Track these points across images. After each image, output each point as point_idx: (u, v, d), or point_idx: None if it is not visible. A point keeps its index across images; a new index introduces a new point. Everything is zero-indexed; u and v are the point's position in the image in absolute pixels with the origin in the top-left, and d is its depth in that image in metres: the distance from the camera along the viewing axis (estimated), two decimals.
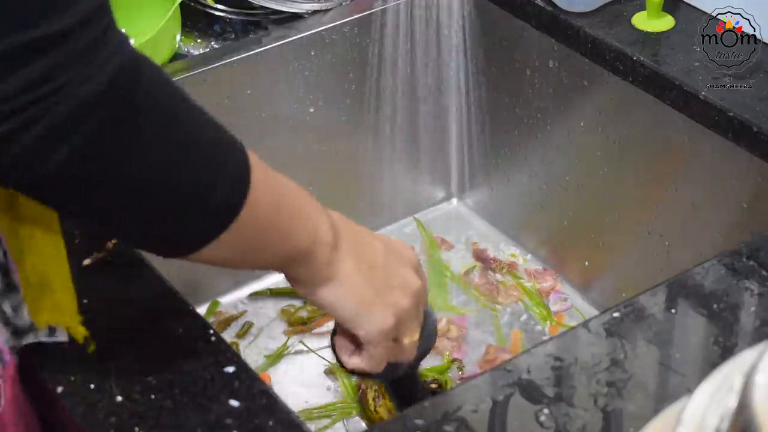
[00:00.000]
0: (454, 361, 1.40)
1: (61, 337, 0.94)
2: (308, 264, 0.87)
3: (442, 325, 1.43)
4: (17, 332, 0.92)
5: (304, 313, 1.46)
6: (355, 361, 0.93)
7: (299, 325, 1.45)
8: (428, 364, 1.37)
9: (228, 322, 1.47)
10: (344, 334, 0.93)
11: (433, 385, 1.35)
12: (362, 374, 0.95)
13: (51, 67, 0.66)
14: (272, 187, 0.83)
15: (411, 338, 0.94)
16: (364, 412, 1.31)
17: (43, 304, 0.92)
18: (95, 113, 0.68)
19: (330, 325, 1.42)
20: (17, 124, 0.66)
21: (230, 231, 0.78)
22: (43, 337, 0.93)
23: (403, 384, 1.01)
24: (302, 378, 1.40)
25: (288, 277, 0.89)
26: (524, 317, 1.47)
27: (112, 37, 0.69)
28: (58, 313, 0.94)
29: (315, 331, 1.45)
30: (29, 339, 0.93)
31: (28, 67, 0.65)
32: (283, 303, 1.49)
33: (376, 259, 0.91)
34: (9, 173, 0.69)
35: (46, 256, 0.90)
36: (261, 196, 0.80)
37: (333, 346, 0.95)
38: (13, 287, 0.90)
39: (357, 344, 0.93)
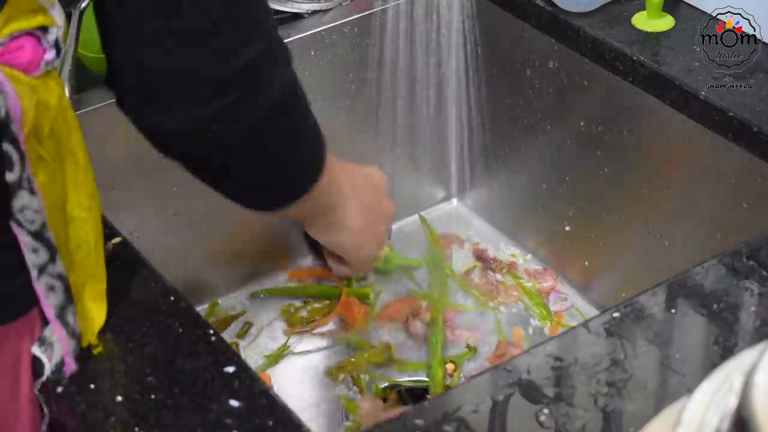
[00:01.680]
0: (469, 348, 1.41)
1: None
2: (332, 212, 1.10)
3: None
4: (78, 340, 0.95)
5: (304, 313, 1.46)
6: (344, 271, 1.20)
7: (299, 325, 1.45)
8: (447, 353, 1.41)
9: (228, 322, 1.47)
10: (333, 253, 1.17)
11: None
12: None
13: (259, 74, 0.88)
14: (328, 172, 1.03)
15: (384, 251, 1.21)
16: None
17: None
18: (276, 113, 0.92)
19: (328, 328, 1.44)
20: (226, 126, 0.89)
21: (306, 197, 1.01)
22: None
23: None
24: (302, 378, 1.40)
25: (306, 224, 1.12)
26: (524, 317, 1.47)
27: (284, 54, 0.92)
28: (80, 320, 0.95)
29: (315, 331, 1.45)
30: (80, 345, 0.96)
31: (248, 77, 0.87)
32: (283, 303, 1.49)
33: (367, 198, 1.14)
34: (207, 152, 0.92)
35: (84, 272, 0.95)
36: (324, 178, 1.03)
37: (319, 255, 1.20)
38: (72, 298, 0.93)
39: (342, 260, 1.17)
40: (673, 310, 1.00)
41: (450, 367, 1.38)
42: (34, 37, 0.87)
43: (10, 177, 0.85)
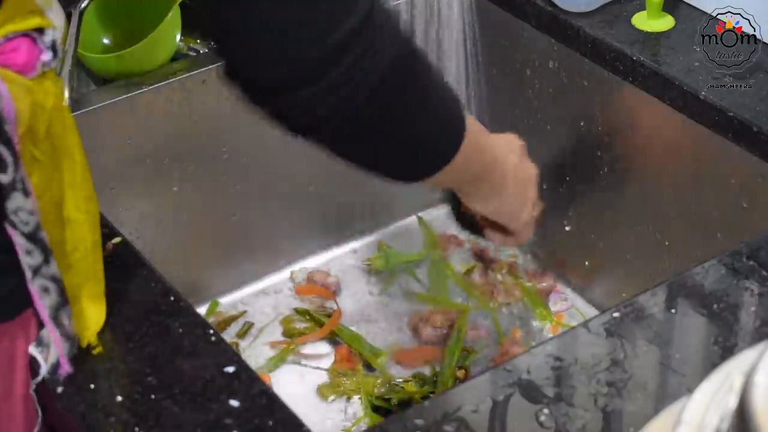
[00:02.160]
0: (468, 351, 1.41)
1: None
2: (489, 180, 1.09)
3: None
4: (73, 342, 0.95)
5: (301, 325, 1.46)
6: (509, 241, 1.21)
7: (297, 337, 1.44)
8: None
9: (228, 322, 1.47)
10: (491, 224, 1.18)
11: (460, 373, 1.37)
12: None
13: (366, 43, 0.84)
14: (472, 133, 0.99)
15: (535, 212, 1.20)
16: None
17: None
18: (393, 74, 0.86)
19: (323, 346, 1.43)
20: (347, 93, 0.84)
21: (452, 163, 0.97)
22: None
23: None
24: (302, 381, 1.40)
25: (462, 193, 1.11)
26: (525, 317, 1.47)
27: (392, 19, 0.87)
28: (78, 321, 0.95)
29: (307, 346, 1.44)
30: (77, 346, 0.96)
31: (353, 46, 0.83)
32: (283, 304, 1.49)
33: (515, 162, 1.14)
34: (337, 126, 0.88)
35: (81, 274, 0.95)
36: (467, 140, 0.98)
37: (474, 230, 1.21)
38: (67, 300, 0.93)
39: (503, 230, 1.19)
40: (673, 310, 1.00)
41: (461, 373, 1.38)
42: (30, 38, 0.87)
43: (4, 178, 0.85)
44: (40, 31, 0.88)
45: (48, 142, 0.89)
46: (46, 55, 0.88)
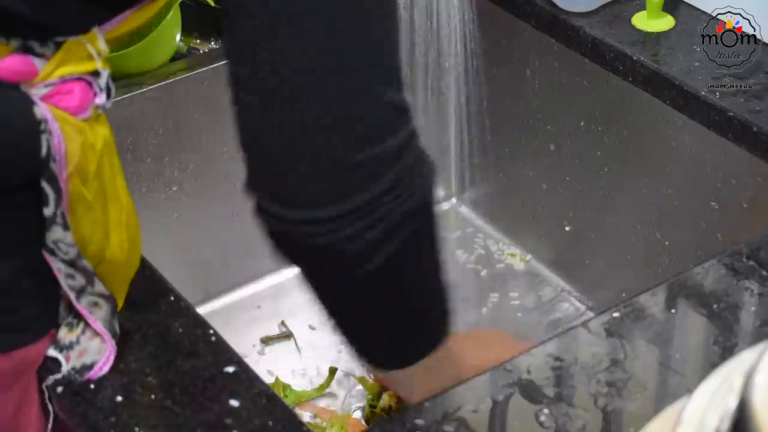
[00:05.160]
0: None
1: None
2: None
3: None
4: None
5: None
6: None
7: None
8: None
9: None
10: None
11: None
12: None
13: (395, 178, 0.81)
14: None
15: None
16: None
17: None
18: (415, 221, 0.84)
19: None
20: (368, 224, 0.81)
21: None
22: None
23: None
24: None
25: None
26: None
27: (425, 156, 0.85)
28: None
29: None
30: None
31: (384, 176, 0.80)
32: (283, 303, 1.49)
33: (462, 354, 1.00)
34: (343, 262, 0.83)
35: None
36: None
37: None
38: (116, 307, 0.95)
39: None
40: (673, 310, 1.00)
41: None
42: (85, 81, 0.88)
43: (46, 212, 0.87)
44: (96, 74, 0.89)
45: (97, 183, 0.90)
46: (101, 98, 0.89)
